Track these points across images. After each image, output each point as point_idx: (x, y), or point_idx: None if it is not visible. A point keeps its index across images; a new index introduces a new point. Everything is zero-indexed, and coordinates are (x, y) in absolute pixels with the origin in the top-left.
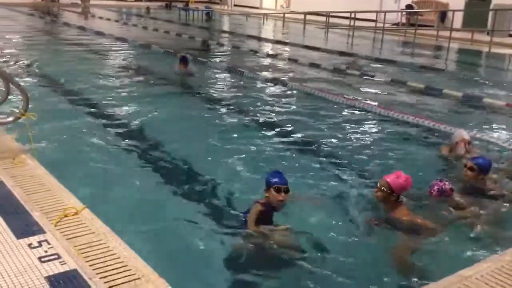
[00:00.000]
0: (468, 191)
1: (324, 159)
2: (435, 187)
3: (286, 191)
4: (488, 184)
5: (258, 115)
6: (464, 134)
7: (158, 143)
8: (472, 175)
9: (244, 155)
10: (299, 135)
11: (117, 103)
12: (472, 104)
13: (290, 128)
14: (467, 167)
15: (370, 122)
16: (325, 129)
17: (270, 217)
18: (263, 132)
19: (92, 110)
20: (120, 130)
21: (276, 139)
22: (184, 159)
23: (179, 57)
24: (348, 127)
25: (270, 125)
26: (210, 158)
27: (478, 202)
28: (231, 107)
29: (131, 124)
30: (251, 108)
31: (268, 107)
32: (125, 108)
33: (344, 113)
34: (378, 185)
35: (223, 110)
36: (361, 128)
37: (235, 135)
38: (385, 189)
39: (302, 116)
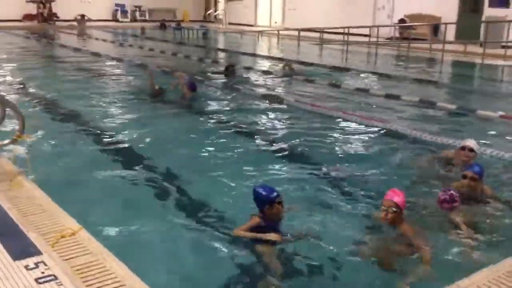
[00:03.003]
0: (466, 201)
1: (320, 173)
2: (446, 196)
3: (279, 202)
4: (486, 190)
5: (258, 133)
6: (469, 141)
7: (155, 163)
8: (475, 184)
9: (245, 174)
10: (297, 150)
11: (114, 123)
12: (465, 116)
13: (287, 144)
14: (469, 178)
15: (364, 135)
16: (321, 144)
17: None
18: (262, 149)
19: (89, 131)
20: (117, 151)
21: (275, 156)
22: (181, 178)
23: (187, 82)
24: (343, 141)
25: (270, 142)
26: (207, 175)
27: (476, 210)
28: (229, 125)
29: (127, 144)
30: (248, 125)
31: (265, 124)
32: (122, 128)
33: (339, 127)
34: (384, 208)
35: (222, 129)
36: (355, 142)
37: (234, 154)
38: (396, 210)
39: (299, 132)
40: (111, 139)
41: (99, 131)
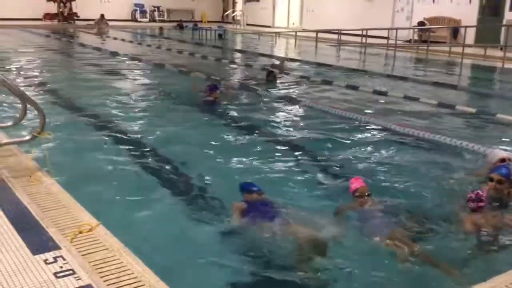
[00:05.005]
0: (492, 204)
1: (335, 175)
2: (472, 195)
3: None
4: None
5: (272, 133)
6: (501, 152)
7: (174, 162)
8: (502, 187)
9: (261, 175)
10: (312, 152)
11: (133, 121)
12: (485, 119)
13: (303, 146)
14: (496, 180)
15: (383, 138)
16: (338, 146)
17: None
18: (276, 149)
19: (108, 128)
20: (135, 149)
21: (289, 157)
22: (201, 177)
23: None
24: (360, 144)
25: (285, 143)
26: (223, 174)
27: (502, 214)
28: (243, 125)
29: (146, 142)
30: (263, 125)
31: (282, 125)
32: (141, 126)
33: (356, 129)
34: (363, 194)
35: (237, 129)
36: (373, 144)
37: (249, 153)
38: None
39: (315, 134)
40: (129, 136)
41: (118, 129)
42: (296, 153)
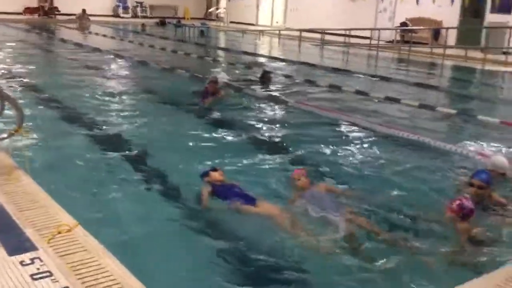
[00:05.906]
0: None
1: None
2: (457, 202)
3: (212, 170)
4: (493, 196)
5: (256, 133)
6: (499, 162)
7: (156, 161)
8: (483, 192)
9: (242, 174)
10: (295, 153)
11: (115, 120)
12: (466, 121)
13: (287, 146)
14: (476, 186)
15: (364, 138)
16: (320, 146)
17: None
18: (260, 150)
19: (88, 127)
20: (117, 148)
21: (274, 157)
22: (185, 176)
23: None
24: (341, 144)
25: (268, 143)
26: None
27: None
28: (227, 124)
29: (128, 141)
30: (247, 125)
31: (265, 125)
32: (122, 124)
33: (339, 129)
34: (301, 175)
35: (222, 128)
36: (354, 145)
37: (232, 153)
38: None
39: (299, 134)
40: (110, 134)
41: (99, 127)
42: (279, 152)
